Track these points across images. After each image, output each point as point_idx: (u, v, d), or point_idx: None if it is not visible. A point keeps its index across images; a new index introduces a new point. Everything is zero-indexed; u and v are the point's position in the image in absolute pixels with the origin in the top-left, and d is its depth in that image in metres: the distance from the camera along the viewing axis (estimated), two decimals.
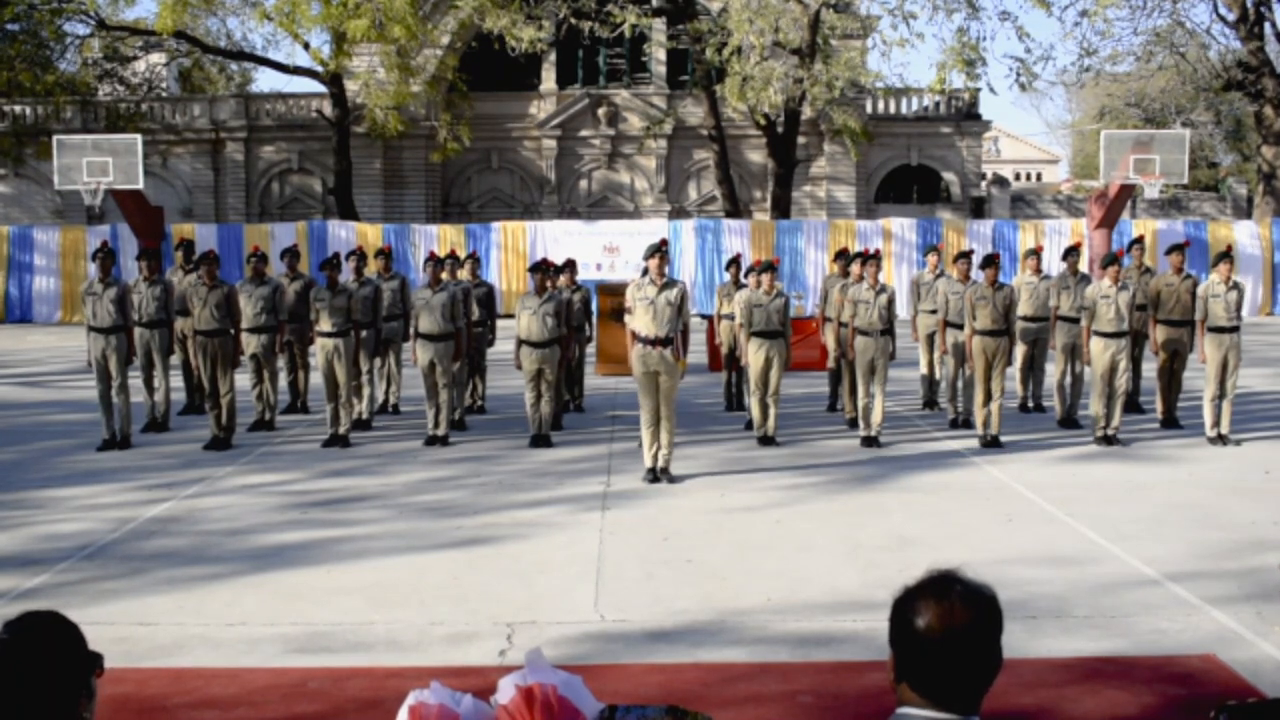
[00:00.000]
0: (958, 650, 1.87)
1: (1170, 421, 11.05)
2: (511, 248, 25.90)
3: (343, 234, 25.44)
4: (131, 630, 5.47)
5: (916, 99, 36.13)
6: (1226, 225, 27.14)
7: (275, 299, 11.09)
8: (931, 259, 12.91)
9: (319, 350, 10.59)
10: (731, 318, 11.53)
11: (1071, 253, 11.58)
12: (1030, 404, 12.05)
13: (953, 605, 1.88)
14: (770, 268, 10.55)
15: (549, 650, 4.43)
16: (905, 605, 1.92)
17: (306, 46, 29.59)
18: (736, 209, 30.35)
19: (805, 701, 4.62)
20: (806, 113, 29.76)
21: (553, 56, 35.29)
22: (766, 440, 10.25)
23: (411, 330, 10.82)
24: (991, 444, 10.03)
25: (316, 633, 5.45)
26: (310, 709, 4.57)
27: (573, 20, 27.19)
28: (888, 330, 10.28)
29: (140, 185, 21.03)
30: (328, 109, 32.33)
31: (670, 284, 8.99)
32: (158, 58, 36.80)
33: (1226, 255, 10.49)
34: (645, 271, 9.06)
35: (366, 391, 11.33)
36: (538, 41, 26.70)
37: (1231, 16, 30.34)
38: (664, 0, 29.11)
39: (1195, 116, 34.46)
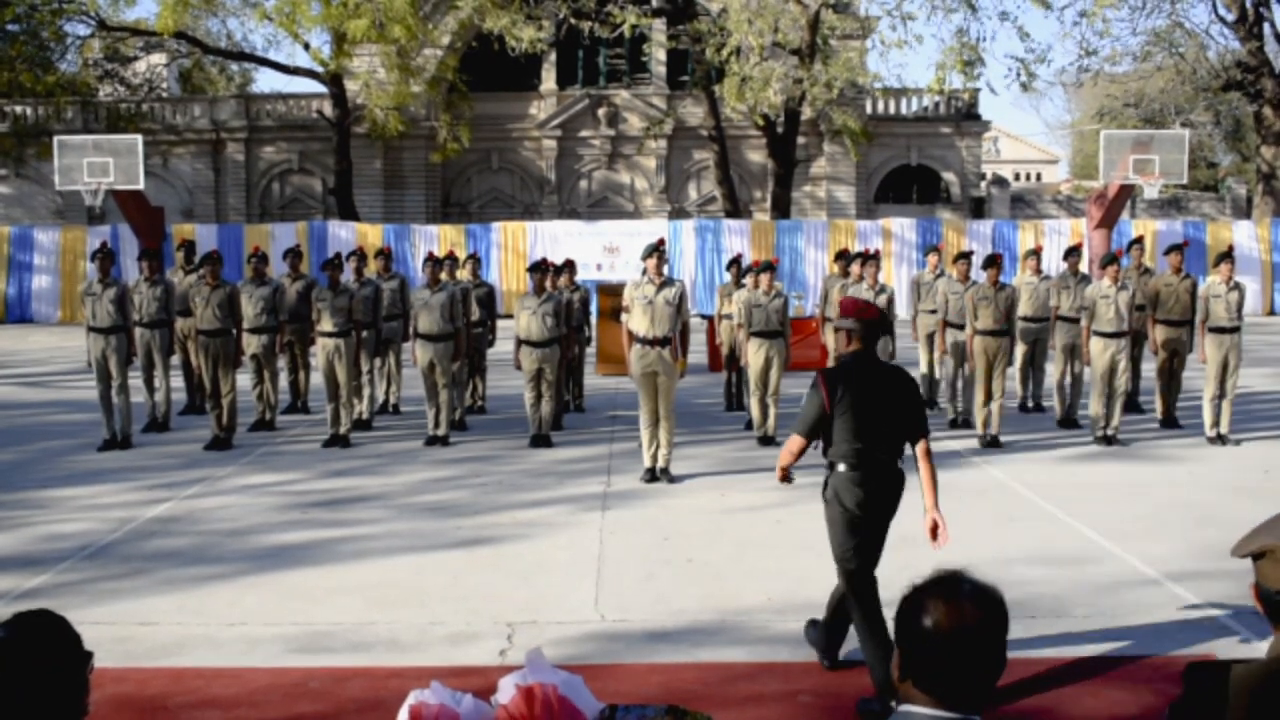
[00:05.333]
0: (965, 649, 1.88)
1: (1170, 421, 11.05)
2: (511, 248, 25.90)
3: (343, 234, 25.44)
4: (132, 630, 5.47)
5: (916, 99, 36.15)
6: (1226, 226, 27.14)
7: (276, 299, 11.10)
8: (932, 259, 12.92)
9: (320, 350, 10.60)
10: (732, 318, 11.54)
11: (1073, 252, 11.59)
12: (1030, 404, 12.06)
13: (962, 604, 1.89)
14: (769, 268, 10.55)
15: (549, 650, 4.44)
16: (913, 603, 1.93)
17: (307, 47, 29.62)
18: (736, 209, 30.35)
19: (805, 701, 4.63)
20: (806, 113, 29.76)
21: (553, 57, 35.31)
22: (766, 440, 10.26)
23: (411, 330, 10.83)
24: (991, 444, 10.04)
25: (317, 633, 5.46)
26: (311, 709, 4.58)
27: (573, 20, 27.20)
28: (887, 330, 10.28)
29: (141, 186, 21.02)
30: (328, 109, 32.35)
31: (668, 283, 8.98)
32: (158, 58, 36.80)
33: (1228, 255, 10.49)
34: (644, 271, 9.07)
35: (367, 392, 11.34)
36: (538, 42, 26.70)
37: (1231, 17, 30.34)
38: (664, 0, 29.12)
39: (1194, 117, 34.44)
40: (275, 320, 11.14)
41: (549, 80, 36.49)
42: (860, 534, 4.80)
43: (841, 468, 4.79)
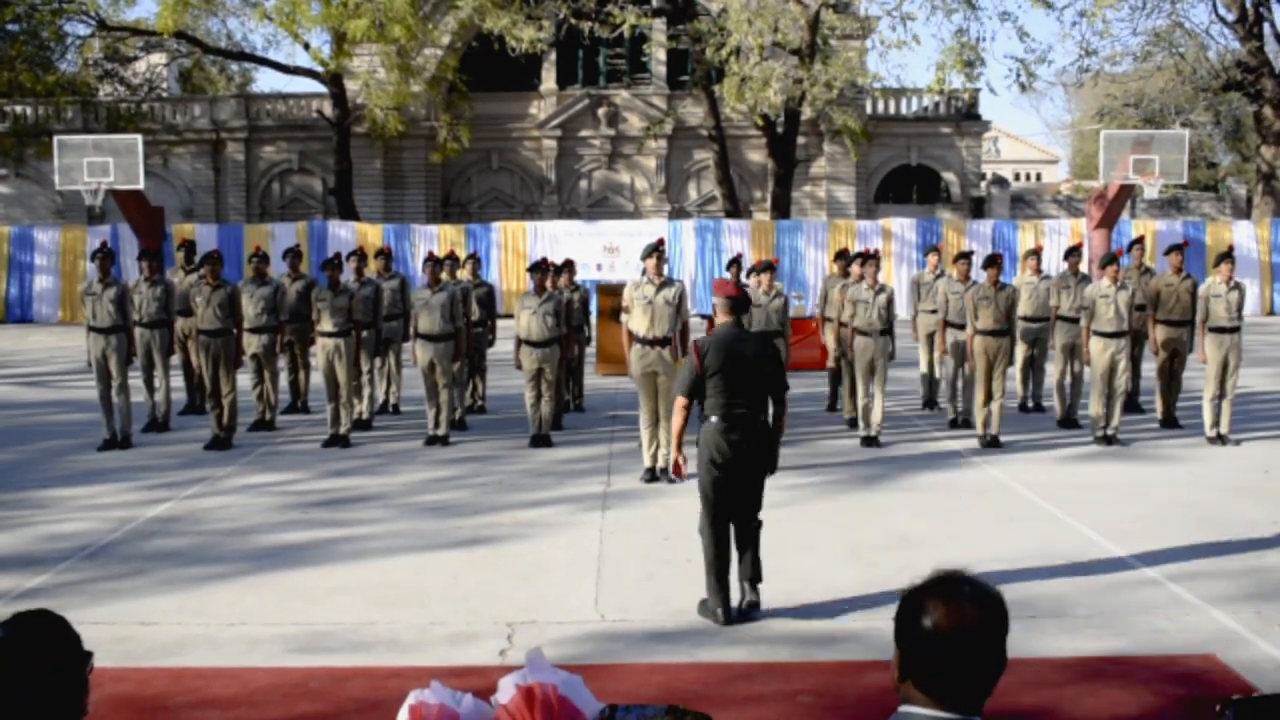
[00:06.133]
0: (965, 649, 1.87)
1: (1170, 421, 11.05)
2: (511, 248, 25.91)
3: (343, 234, 25.44)
4: (132, 630, 5.47)
5: (916, 99, 36.15)
6: (1225, 226, 27.14)
7: (276, 299, 11.10)
8: (932, 259, 12.92)
9: (320, 350, 10.60)
10: None
11: (1074, 252, 11.60)
12: (1030, 404, 12.06)
13: (962, 604, 1.89)
14: (769, 267, 10.56)
15: (549, 650, 4.43)
16: (913, 603, 1.92)
17: (307, 47, 29.62)
18: (736, 209, 30.36)
19: (805, 701, 4.63)
20: (806, 113, 29.76)
21: (553, 57, 35.30)
22: None
23: (411, 330, 10.84)
24: (991, 444, 10.04)
25: (317, 633, 5.46)
26: (311, 709, 4.58)
27: (573, 20, 27.20)
28: (887, 330, 10.29)
29: (141, 185, 21.02)
30: (328, 109, 32.34)
31: (668, 283, 8.99)
32: (158, 58, 36.80)
33: (1228, 255, 10.50)
34: (644, 271, 9.08)
35: (367, 391, 11.34)
36: (538, 42, 26.71)
37: (1231, 17, 30.33)
38: (664, 0, 29.12)
39: (1194, 117, 34.41)
40: (275, 320, 11.13)
41: (549, 80, 36.49)
42: (720, 491, 5.65)
43: (713, 419, 5.66)
